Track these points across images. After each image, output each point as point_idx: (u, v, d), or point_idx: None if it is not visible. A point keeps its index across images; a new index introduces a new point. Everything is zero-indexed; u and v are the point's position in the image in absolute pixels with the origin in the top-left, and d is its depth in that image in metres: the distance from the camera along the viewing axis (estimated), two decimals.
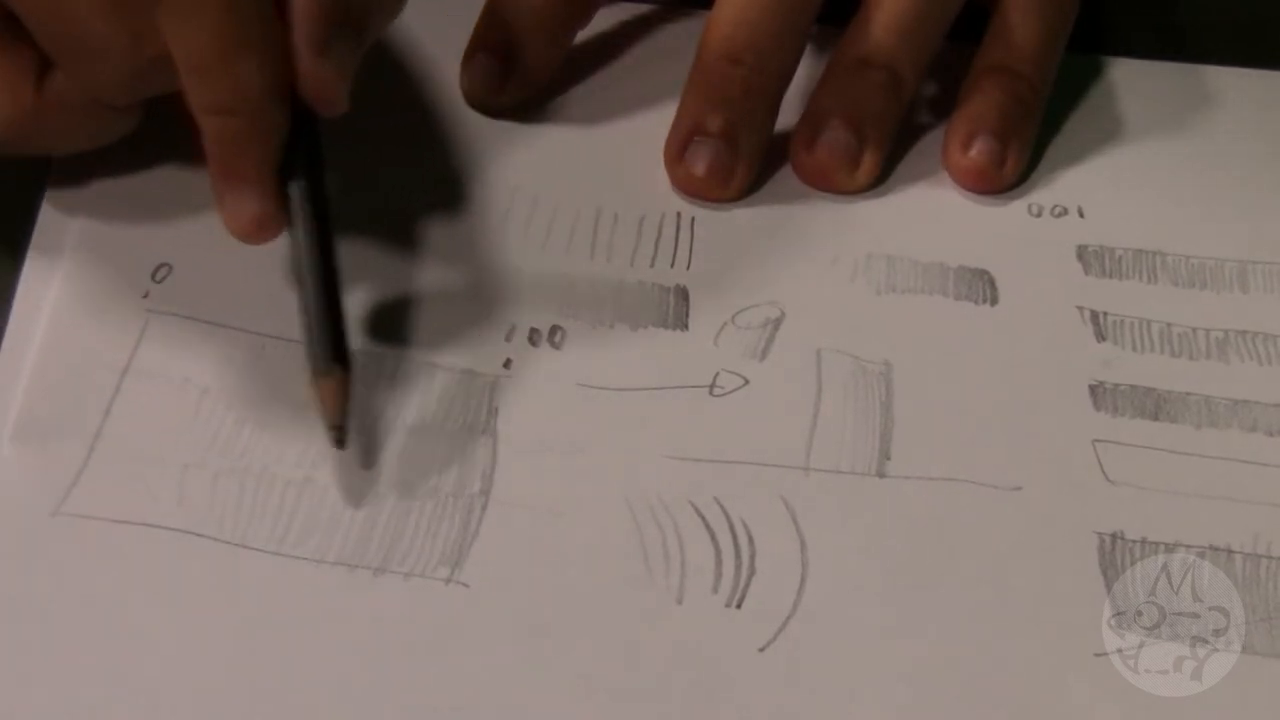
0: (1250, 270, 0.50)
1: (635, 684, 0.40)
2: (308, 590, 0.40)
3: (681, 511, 0.43)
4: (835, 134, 0.50)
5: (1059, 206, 0.51)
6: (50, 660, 0.39)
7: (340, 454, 0.42)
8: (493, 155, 0.50)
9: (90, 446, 0.42)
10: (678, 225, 0.49)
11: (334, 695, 0.39)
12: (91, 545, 0.41)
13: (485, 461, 0.43)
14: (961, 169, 0.51)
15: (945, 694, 0.40)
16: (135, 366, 0.44)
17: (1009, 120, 0.51)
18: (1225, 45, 0.56)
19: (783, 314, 0.47)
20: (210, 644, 0.39)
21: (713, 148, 0.49)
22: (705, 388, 0.45)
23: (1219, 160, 0.53)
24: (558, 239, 0.48)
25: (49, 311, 0.45)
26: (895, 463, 0.44)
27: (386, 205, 0.49)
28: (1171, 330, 0.48)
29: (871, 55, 0.50)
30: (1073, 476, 0.44)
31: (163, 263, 0.46)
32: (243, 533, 0.41)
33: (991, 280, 0.49)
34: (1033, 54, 0.51)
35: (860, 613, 0.41)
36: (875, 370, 0.46)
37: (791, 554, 0.42)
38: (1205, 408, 0.46)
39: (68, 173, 0.48)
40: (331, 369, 0.41)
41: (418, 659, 0.39)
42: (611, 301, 0.47)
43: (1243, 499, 0.44)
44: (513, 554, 0.42)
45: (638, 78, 0.53)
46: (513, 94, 0.51)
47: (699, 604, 0.41)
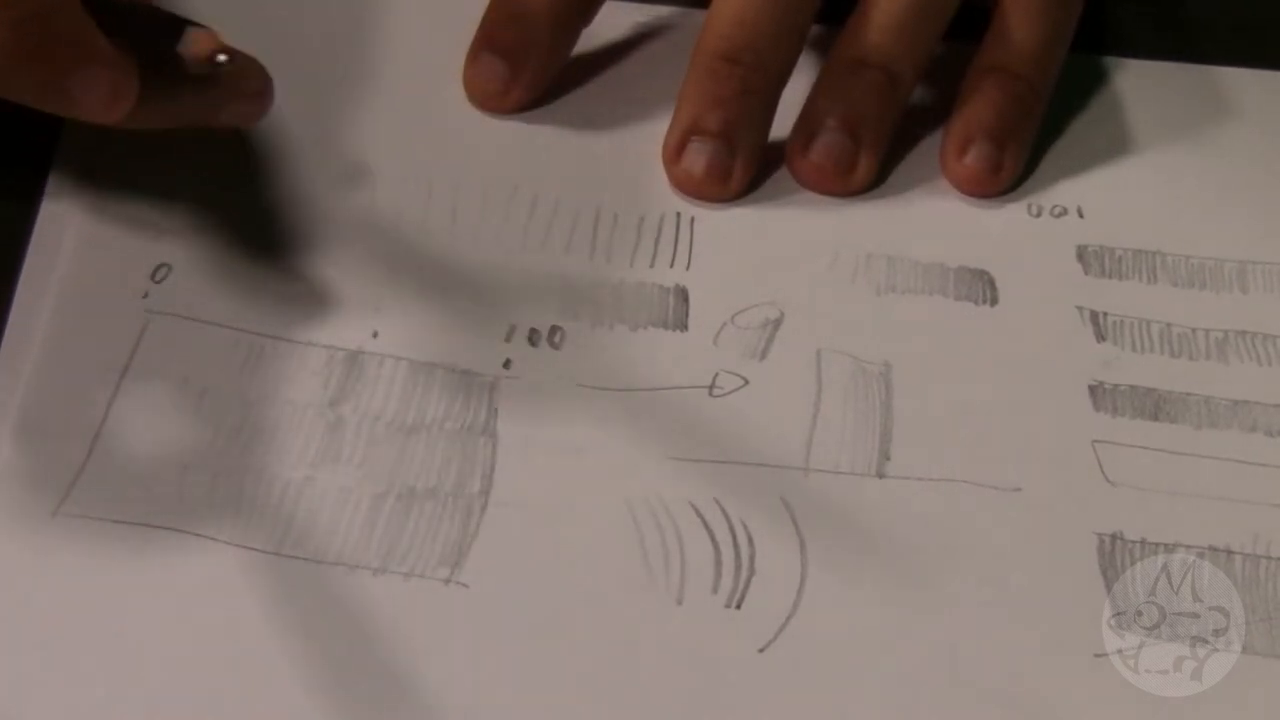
0: (1250, 270, 0.50)
1: (635, 684, 0.40)
2: (307, 590, 0.40)
3: (681, 512, 0.43)
4: (831, 136, 0.50)
5: (1059, 207, 0.51)
6: (50, 660, 0.39)
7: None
8: (493, 155, 0.50)
9: (90, 446, 0.42)
10: (677, 225, 0.49)
11: (334, 696, 0.39)
12: (91, 545, 0.41)
13: (485, 461, 0.43)
14: (957, 174, 0.51)
15: (945, 694, 0.40)
16: (135, 366, 0.44)
17: (1006, 124, 0.51)
18: (1225, 45, 0.56)
19: (782, 314, 0.47)
20: (210, 644, 0.39)
21: (710, 148, 0.49)
22: (705, 388, 0.45)
23: (1219, 160, 0.53)
24: (558, 239, 0.48)
25: (49, 311, 0.45)
26: (895, 463, 0.44)
27: (385, 205, 0.49)
28: (1171, 330, 0.48)
29: (868, 55, 0.50)
30: (1072, 477, 0.44)
31: (162, 263, 0.46)
32: (242, 533, 0.41)
33: (991, 280, 0.49)
34: (1033, 54, 0.51)
35: (860, 613, 0.41)
36: (875, 370, 0.46)
37: (791, 554, 0.42)
38: (1205, 408, 0.46)
39: (68, 173, 0.48)
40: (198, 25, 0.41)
41: (418, 659, 0.39)
42: (611, 301, 0.47)
43: (1242, 499, 0.44)
44: (512, 554, 0.42)
45: (637, 77, 0.53)
46: (519, 97, 0.51)
47: (699, 604, 0.41)
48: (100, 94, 0.41)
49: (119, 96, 0.41)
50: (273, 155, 0.49)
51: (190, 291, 0.46)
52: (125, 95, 0.41)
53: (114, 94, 0.41)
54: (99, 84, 0.41)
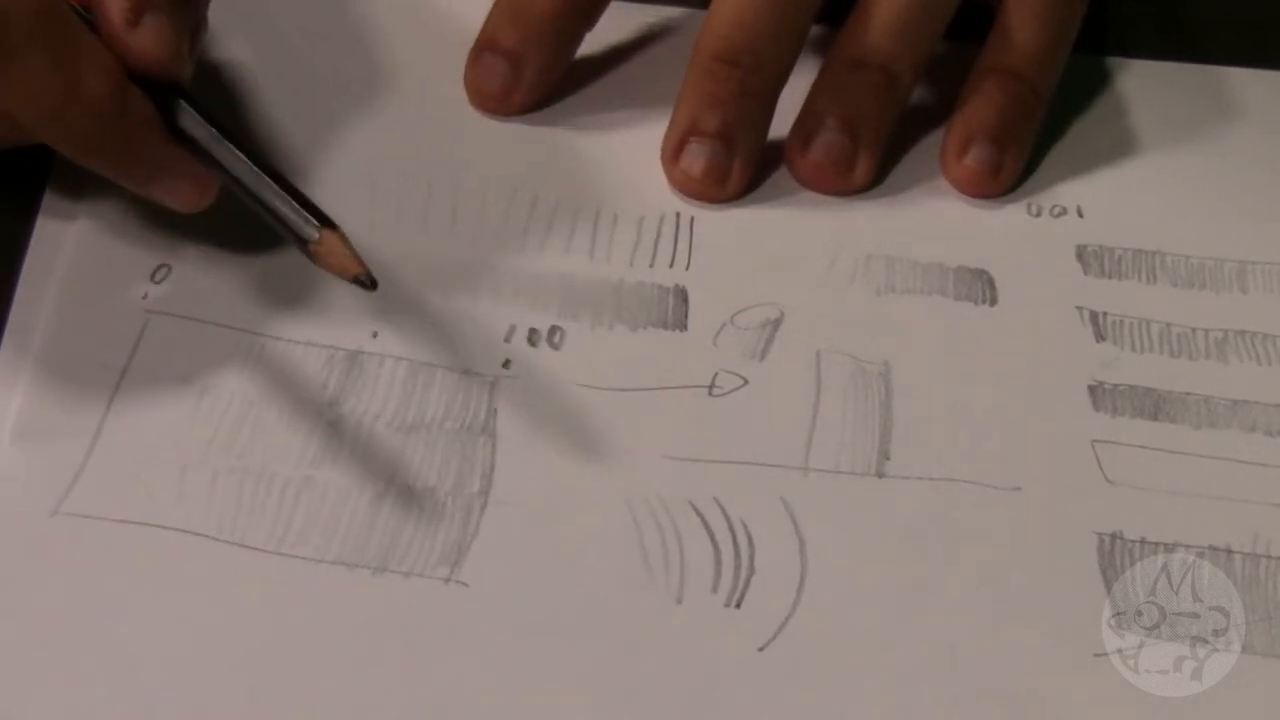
0: (1250, 270, 0.50)
1: (635, 684, 0.40)
2: (307, 590, 0.40)
3: (681, 512, 0.43)
4: (830, 136, 0.50)
5: (1058, 206, 0.51)
6: (50, 660, 0.39)
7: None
8: (493, 155, 0.50)
9: (90, 446, 0.42)
10: (677, 225, 0.49)
11: (333, 695, 0.39)
12: (91, 545, 0.41)
13: (485, 461, 0.43)
14: (957, 175, 0.51)
15: (945, 694, 0.40)
16: (135, 366, 0.44)
17: (1007, 125, 0.51)
18: (1226, 45, 0.56)
19: (782, 314, 0.47)
20: (210, 644, 0.39)
21: (709, 149, 0.49)
22: (704, 388, 0.45)
23: (1219, 160, 0.53)
24: (557, 239, 0.48)
25: (49, 311, 0.45)
26: (894, 463, 0.44)
27: (385, 205, 0.49)
28: (1171, 330, 0.48)
29: (867, 55, 0.50)
30: (1072, 477, 0.44)
31: (162, 263, 0.46)
32: (242, 532, 0.41)
33: (991, 280, 0.49)
34: (1036, 55, 0.51)
35: (860, 612, 0.41)
36: (874, 370, 0.46)
37: (791, 554, 0.42)
38: (1205, 408, 0.46)
39: (68, 173, 0.48)
40: (324, 227, 0.41)
41: (417, 659, 0.39)
42: (611, 302, 0.47)
43: (1242, 499, 0.44)
44: (512, 554, 0.42)
45: (638, 78, 0.53)
46: (521, 101, 0.51)
47: (698, 604, 0.41)
48: (180, 201, 0.44)
49: (196, 204, 0.44)
50: (273, 156, 0.49)
51: (190, 291, 0.46)
52: (202, 201, 0.44)
53: (192, 203, 0.44)
54: (178, 193, 0.44)
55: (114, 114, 0.42)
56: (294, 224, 0.41)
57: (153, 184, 0.44)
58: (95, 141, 0.42)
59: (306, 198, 0.42)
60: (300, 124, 0.50)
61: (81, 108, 0.41)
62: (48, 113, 0.41)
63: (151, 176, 0.43)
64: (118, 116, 0.42)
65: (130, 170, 0.43)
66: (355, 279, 0.41)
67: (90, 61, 0.41)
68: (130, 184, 0.44)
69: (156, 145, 0.43)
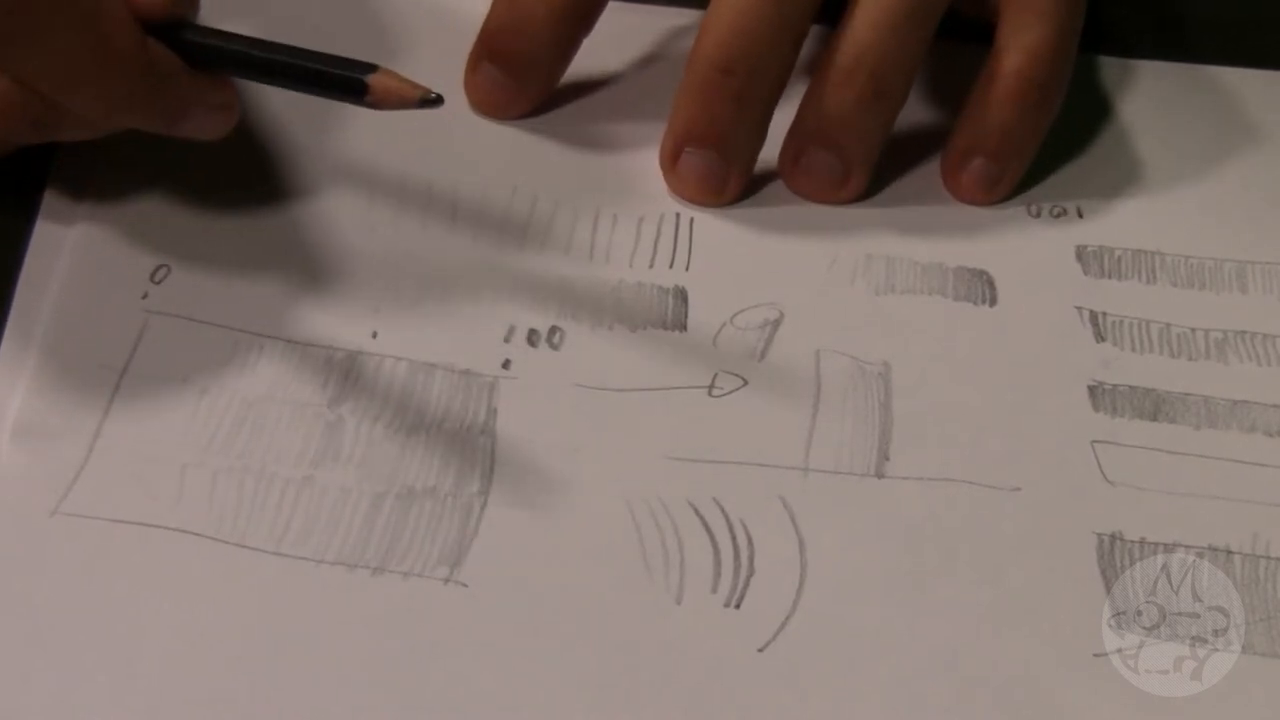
0: (1249, 270, 0.50)
1: (635, 684, 0.40)
2: (306, 590, 0.40)
3: (680, 512, 0.43)
4: (818, 155, 0.50)
5: (1058, 207, 0.51)
6: (50, 660, 0.39)
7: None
8: (493, 155, 0.50)
9: (90, 446, 0.42)
10: (677, 226, 0.49)
11: (333, 695, 0.39)
12: (91, 545, 0.41)
13: (484, 461, 0.43)
14: (956, 185, 0.51)
15: (945, 694, 0.40)
16: (135, 366, 0.44)
17: (1011, 138, 0.50)
18: (1224, 45, 0.56)
19: (782, 315, 0.47)
20: (209, 644, 0.39)
21: (705, 158, 0.49)
22: (704, 388, 0.45)
23: (1218, 160, 0.53)
24: (557, 239, 0.49)
25: (49, 311, 0.45)
26: (894, 463, 0.44)
27: (384, 205, 0.49)
28: (1171, 330, 0.48)
29: (855, 65, 0.49)
30: (1072, 477, 0.44)
31: (162, 263, 0.46)
32: (242, 532, 0.41)
33: (990, 281, 0.49)
34: (1046, 55, 0.50)
35: (860, 613, 0.41)
36: (874, 371, 0.46)
37: (791, 554, 0.42)
38: (1204, 408, 0.46)
39: (68, 173, 0.48)
40: (369, 72, 0.41)
41: (417, 659, 0.39)
42: (610, 302, 0.47)
43: (1242, 499, 0.44)
44: (512, 554, 0.42)
45: (637, 78, 0.53)
46: (521, 107, 0.51)
47: (698, 604, 0.41)
48: (209, 131, 0.45)
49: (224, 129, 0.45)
50: (273, 156, 0.49)
51: (190, 291, 0.46)
52: (229, 124, 0.45)
53: (220, 130, 0.45)
54: (208, 124, 0.45)
55: (142, 64, 0.42)
56: (342, 80, 0.42)
57: (183, 122, 0.44)
58: (130, 97, 0.42)
59: (339, 57, 0.42)
60: (300, 124, 0.50)
61: (114, 65, 0.41)
62: (84, 76, 0.41)
63: (181, 114, 0.44)
64: (146, 66, 0.42)
65: (162, 114, 0.44)
66: (421, 102, 0.41)
67: (111, 18, 0.41)
68: (161, 128, 0.44)
69: (182, 82, 0.43)
